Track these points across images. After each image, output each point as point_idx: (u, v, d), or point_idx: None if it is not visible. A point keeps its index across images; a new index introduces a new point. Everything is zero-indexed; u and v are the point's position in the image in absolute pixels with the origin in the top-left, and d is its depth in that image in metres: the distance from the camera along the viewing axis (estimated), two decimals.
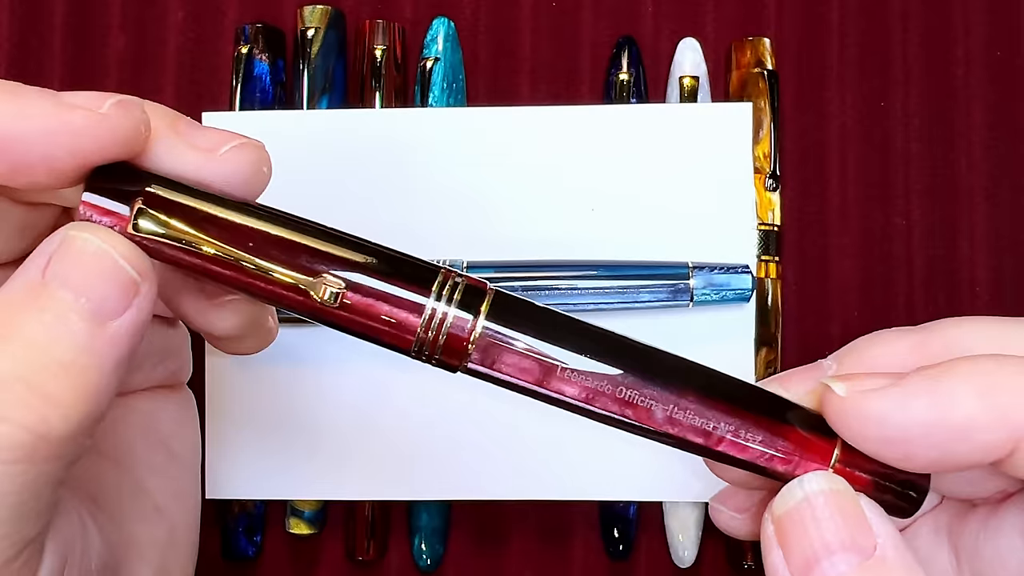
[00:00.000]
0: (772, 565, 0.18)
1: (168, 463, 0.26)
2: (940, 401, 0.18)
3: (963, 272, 0.36)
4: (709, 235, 0.33)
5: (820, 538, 0.17)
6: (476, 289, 0.19)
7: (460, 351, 0.19)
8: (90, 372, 0.18)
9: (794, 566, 0.17)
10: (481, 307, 0.19)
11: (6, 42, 0.37)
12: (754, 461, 0.19)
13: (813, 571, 0.17)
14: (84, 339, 0.18)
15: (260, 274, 0.19)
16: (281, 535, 0.36)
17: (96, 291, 0.18)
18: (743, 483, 0.22)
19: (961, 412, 0.18)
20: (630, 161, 0.33)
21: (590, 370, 0.19)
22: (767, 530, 0.18)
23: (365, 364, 0.33)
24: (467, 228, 0.33)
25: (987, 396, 0.18)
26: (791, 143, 0.36)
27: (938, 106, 0.36)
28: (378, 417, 0.33)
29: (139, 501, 0.24)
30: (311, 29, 0.35)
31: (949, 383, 0.18)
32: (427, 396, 0.33)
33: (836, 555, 0.17)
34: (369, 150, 0.33)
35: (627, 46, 0.36)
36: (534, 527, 0.36)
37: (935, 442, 0.18)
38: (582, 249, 0.33)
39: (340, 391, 0.33)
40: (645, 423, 0.19)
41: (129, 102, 0.19)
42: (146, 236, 0.19)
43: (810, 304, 0.36)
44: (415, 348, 0.19)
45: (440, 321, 0.19)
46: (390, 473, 0.33)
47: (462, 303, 0.19)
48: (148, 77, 0.37)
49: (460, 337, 0.19)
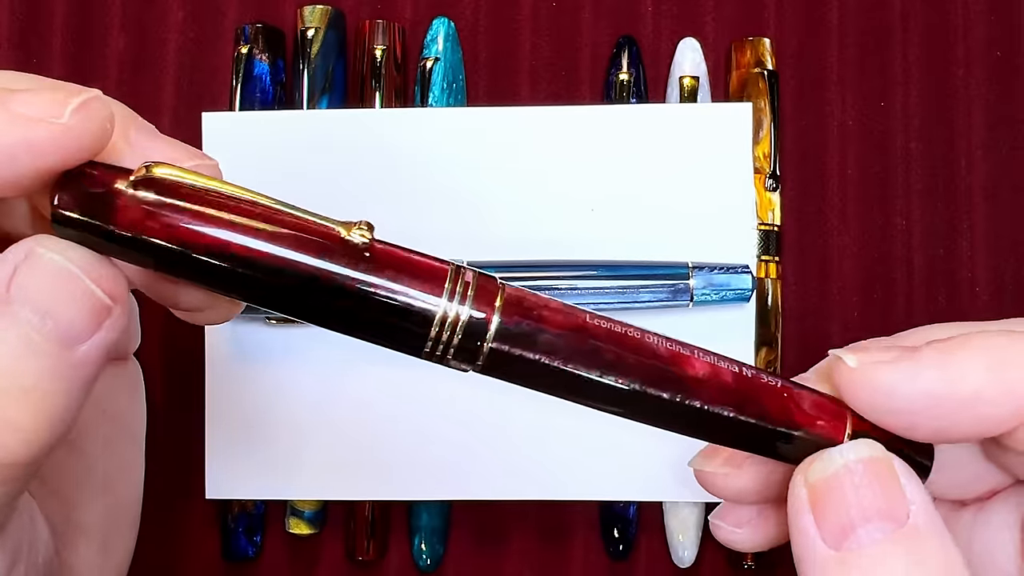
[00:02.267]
0: (803, 529, 0.17)
1: (117, 437, 0.25)
2: (950, 374, 0.18)
3: (963, 272, 0.36)
4: (709, 235, 0.33)
5: (857, 505, 0.17)
6: (489, 286, 0.19)
7: (474, 352, 0.19)
8: (55, 397, 0.17)
9: (827, 531, 0.17)
10: (495, 304, 0.18)
11: (6, 42, 0.37)
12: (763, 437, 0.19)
13: (848, 538, 0.17)
14: (49, 363, 0.17)
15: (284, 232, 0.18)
16: (281, 535, 0.36)
17: (63, 315, 0.17)
18: (739, 497, 0.22)
19: (970, 385, 0.18)
20: (630, 161, 0.33)
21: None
22: (799, 495, 0.18)
23: (366, 365, 0.33)
24: (467, 228, 0.33)
25: (996, 370, 0.18)
26: (791, 143, 0.36)
27: (938, 106, 0.36)
28: (378, 417, 0.33)
29: (88, 479, 0.24)
30: (311, 29, 0.35)
31: (960, 356, 0.18)
32: (427, 397, 0.33)
33: (872, 523, 0.17)
34: (369, 150, 0.33)
35: (627, 46, 0.36)
36: (534, 527, 0.36)
37: (942, 413, 0.18)
38: (582, 249, 0.33)
39: (340, 391, 0.33)
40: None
41: (91, 103, 0.17)
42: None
43: (810, 304, 0.36)
44: (427, 350, 0.19)
45: (453, 323, 0.18)
46: (390, 473, 0.33)
47: (474, 302, 0.18)
48: (148, 77, 0.37)
49: (474, 338, 0.18)
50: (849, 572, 0.17)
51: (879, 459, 0.18)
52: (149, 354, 0.36)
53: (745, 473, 0.21)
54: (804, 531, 0.17)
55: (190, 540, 0.36)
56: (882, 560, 0.17)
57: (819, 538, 0.17)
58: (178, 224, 0.17)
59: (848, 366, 0.19)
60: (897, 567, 0.16)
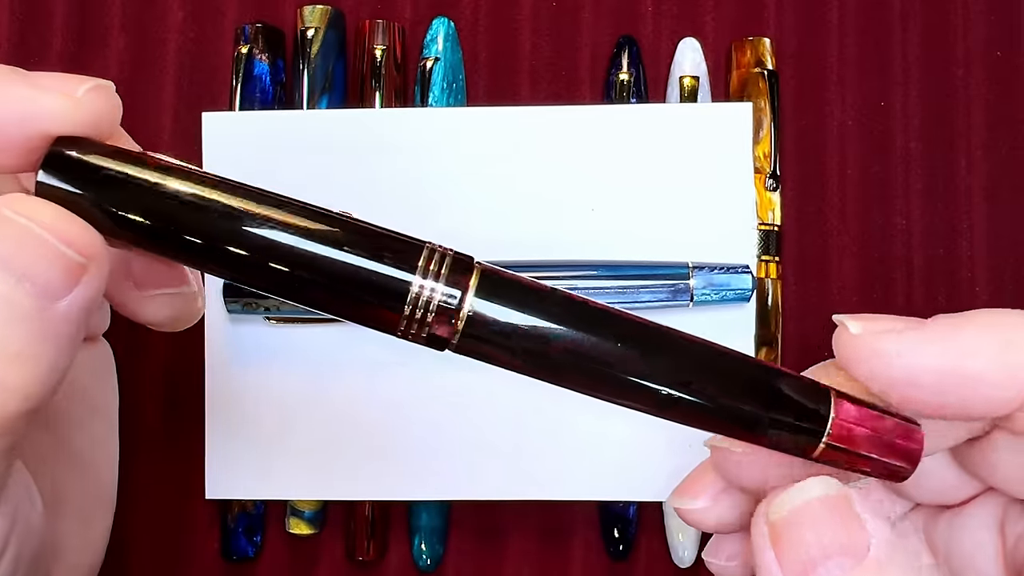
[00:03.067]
0: (765, 566, 0.18)
1: (89, 416, 0.25)
2: (955, 349, 0.18)
3: (963, 272, 0.36)
4: (709, 235, 0.33)
5: (817, 543, 0.17)
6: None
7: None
8: (41, 356, 0.17)
9: (789, 569, 0.17)
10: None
11: (6, 42, 0.37)
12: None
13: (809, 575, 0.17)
14: (31, 324, 0.17)
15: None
16: (281, 535, 0.36)
17: (38, 276, 0.17)
18: (719, 528, 0.22)
19: (975, 364, 0.17)
20: (630, 161, 0.33)
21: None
22: (760, 531, 0.18)
23: (365, 364, 0.33)
24: (467, 228, 0.33)
25: (1003, 352, 0.18)
26: (791, 143, 0.36)
27: (938, 106, 0.36)
28: (378, 417, 0.33)
29: (64, 456, 0.24)
30: (311, 29, 0.35)
31: (967, 333, 0.18)
32: (427, 396, 0.33)
33: (832, 559, 0.17)
34: (369, 150, 0.33)
35: (627, 46, 0.36)
36: (534, 527, 0.36)
37: (943, 389, 0.18)
38: (582, 249, 0.33)
39: (340, 391, 0.33)
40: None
41: (103, 87, 0.19)
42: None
43: (810, 304, 0.36)
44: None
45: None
46: (390, 473, 0.33)
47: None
48: (148, 77, 0.37)
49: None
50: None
51: (836, 496, 0.17)
52: (149, 354, 0.36)
53: (720, 504, 0.21)
54: (767, 568, 0.17)
55: (190, 540, 0.36)
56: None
57: (781, 574, 0.17)
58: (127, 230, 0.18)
59: (850, 332, 0.18)
60: None
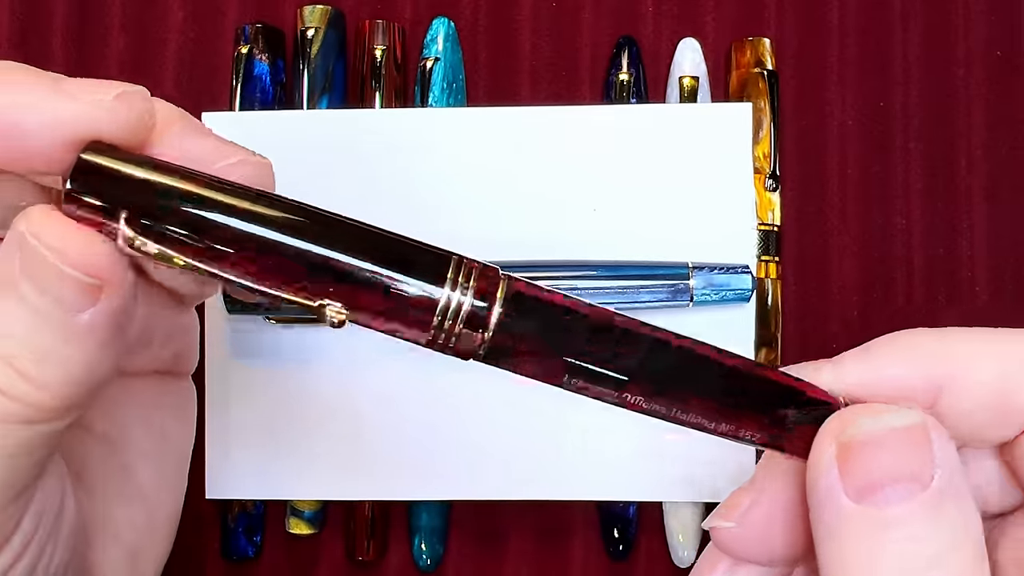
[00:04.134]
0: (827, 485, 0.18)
1: (159, 450, 0.25)
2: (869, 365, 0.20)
3: (963, 272, 0.36)
4: (709, 235, 0.33)
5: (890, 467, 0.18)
6: (491, 276, 0.19)
7: (475, 340, 0.19)
8: (71, 359, 0.18)
9: (852, 486, 0.18)
10: (496, 294, 0.19)
11: (6, 42, 0.37)
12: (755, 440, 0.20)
13: (875, 494, 0.18)
14: (59, 330, 0.18)
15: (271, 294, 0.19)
16: (281, 535, 0.36)
17: (56, 291, 0.18)
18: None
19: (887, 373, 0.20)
20: (630, 161, 0.33)
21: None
22: (826, 451, 0.18)
23: (365, 364, 0.33)
24: (467, 228, 0.33)
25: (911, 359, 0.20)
26: (791, 143, 0.36)
27: (938, 106, 0.36)
28: (378, 417, 0.33)
29: (123, 482, 0.24)
30: (311, 29, 0.35)
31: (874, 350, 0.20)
32: (427, 396, 0.33)
33: (900, 483, 0.18)
34: (369, 150, 0.33)
35: (627, 46, 0.36)
36: (534, 527, 0.36)
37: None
38: (582, 249, 0.33)
39: (340, 391, 0.33)
40: (643, 409, 0.19)
41: (133, 94, 0.19)
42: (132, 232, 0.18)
43: (810, 304, 0.36)
44: (428, 340, 0.19)
45: (455, 312, 0.19)
46: (390, 473, 0.33)
47: (477, 293, 0.19)
48: (148, 77, 0.37)
49: (477, 328, 0.19)
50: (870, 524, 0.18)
51: (918, 426, 0.18)
52: None
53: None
54: (829, 487, 0.18)
55: (190, 540, 0.36)
56: (903, 518, 0.18)
57: (843, 491, 0.18)
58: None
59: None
60: (916, 526, 0.17)
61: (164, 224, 0.18)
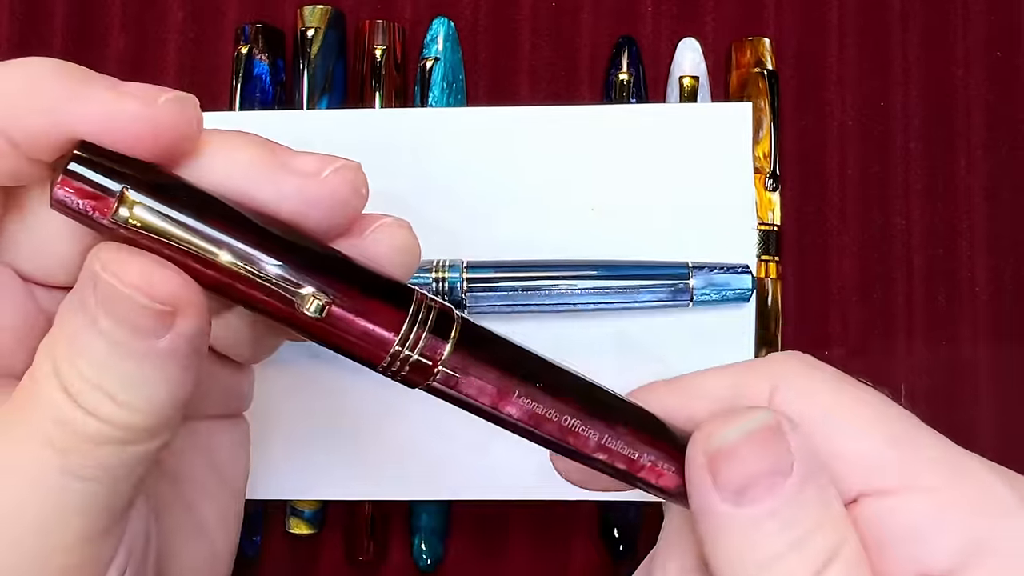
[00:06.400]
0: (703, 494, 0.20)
1: (219, 488, 0.26)
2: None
3: (963, 272, 0.36)
4: (709, 235, 0.33)
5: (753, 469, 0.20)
6: (446, 314, 0.20)
7: (427, 371, 0.20)
8: (155, 383, 0.19)
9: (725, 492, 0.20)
10: (451, 332, 0.20)
11: (6, 42, 0.37)
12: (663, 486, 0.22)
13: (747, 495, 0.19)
14: (138, 358, 0.19)
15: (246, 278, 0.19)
16: (281, 535, 0.36)
17: (130, 321, 0.19)
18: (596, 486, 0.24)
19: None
20: (630, 161, 0.33)
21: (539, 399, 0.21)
22: (698, 461, 0.20)
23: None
24: (467, 228, 0.33)
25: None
26: (791, 143, 0.36)
27: (938, 106, 0.36)
28: (378, 417, 0.33)
29: (188, 520, 0.25)
30: (311, 29, 0.35)
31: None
32: (427, 396, 0.33)
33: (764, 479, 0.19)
34: (369, 150, 0.33)
35: (627, 46, 0.36)
36: (534, 527, 0.36)
37: None
38: (582, 249, 0.33)
39: (340, 391, 0.33)
40: (581, 449, 0.21)
41: (182, 99, 0.20)
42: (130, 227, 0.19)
43: (810, 304, 0.36)
44: (384, 365, 0.20)
45: (414, 342, 0.20)
46: (390, 473, 0.33)
47: (435, 327, 0.20)
48: (148, 77, 0.36)
49: (430, 358, 0.20)
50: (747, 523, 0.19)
51: (771, 424, 0.20)
52: None
53: None
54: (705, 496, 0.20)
55: None
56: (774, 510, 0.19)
57: (719, 500, 0.20)
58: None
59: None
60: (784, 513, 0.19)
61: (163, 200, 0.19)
